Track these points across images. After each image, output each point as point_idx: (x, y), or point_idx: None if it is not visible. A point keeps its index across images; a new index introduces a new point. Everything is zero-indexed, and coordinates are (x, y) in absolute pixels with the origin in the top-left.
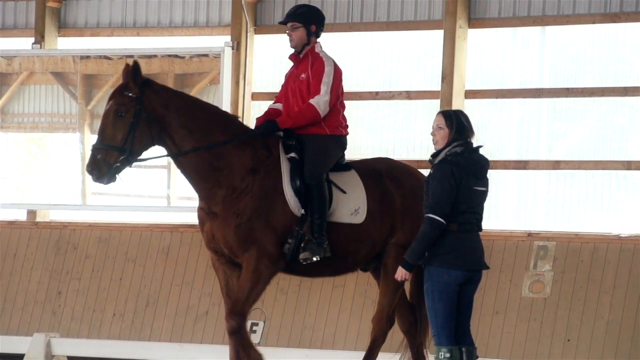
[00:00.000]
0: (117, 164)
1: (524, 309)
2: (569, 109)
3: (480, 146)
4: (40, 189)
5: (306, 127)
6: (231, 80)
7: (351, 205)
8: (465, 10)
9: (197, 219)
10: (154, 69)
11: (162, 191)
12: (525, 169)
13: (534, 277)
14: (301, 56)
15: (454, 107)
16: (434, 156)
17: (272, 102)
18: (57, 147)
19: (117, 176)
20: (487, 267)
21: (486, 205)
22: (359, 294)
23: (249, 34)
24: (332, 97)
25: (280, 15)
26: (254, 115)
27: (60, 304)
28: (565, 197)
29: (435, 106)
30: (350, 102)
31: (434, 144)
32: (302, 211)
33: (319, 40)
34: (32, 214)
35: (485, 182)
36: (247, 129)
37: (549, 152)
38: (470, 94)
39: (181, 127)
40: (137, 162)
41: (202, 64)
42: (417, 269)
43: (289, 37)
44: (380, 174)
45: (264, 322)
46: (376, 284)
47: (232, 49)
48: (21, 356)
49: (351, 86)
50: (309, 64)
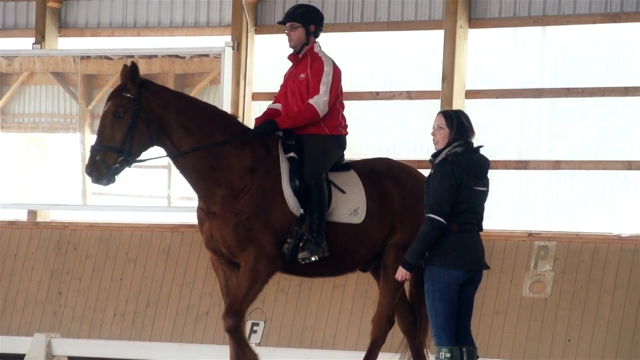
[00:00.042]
0: (116, 165)
1: (525, 309)
2: (569, 109)
3: (480, 146)
4: (40, 189)
5: (305, 127)
6: (232, 80)
7: (350, 205)
8: (465, 10)
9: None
10: (155, 69)
11: (163, 191)
12: (525, 169)
13: (535, 277)
14: (300, 56)
15: (455, 107)
16: (435, 156)
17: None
18: (58, 148)
19: (116, 177)
20: (487, 267)
21: (487, 205)
22: (360, 294)
23: (249, 34)
24: (332, 97)
25: (280, 15)
26: (255, 115)
27: (60, 304)
28: (565, 197)
29: (435, 106)
30: (350, 102)
31: (435, 144)
32: (301, 211)
33: (318, 40)
34: (32, 214)
35: (485, 182)
36: (246, 128)
37: (550, 152)
38: (470, 94)
39: (180, 128)
40: (136, 163)
41: (202, 64)
42: (417, 268)
43: (287, 37)
44: (379, 174)
45: (265, 322)
46: (376, 284)
47: (233, 49)
48: (22, 356)
49: (352, 86)
50: (308, 63)
